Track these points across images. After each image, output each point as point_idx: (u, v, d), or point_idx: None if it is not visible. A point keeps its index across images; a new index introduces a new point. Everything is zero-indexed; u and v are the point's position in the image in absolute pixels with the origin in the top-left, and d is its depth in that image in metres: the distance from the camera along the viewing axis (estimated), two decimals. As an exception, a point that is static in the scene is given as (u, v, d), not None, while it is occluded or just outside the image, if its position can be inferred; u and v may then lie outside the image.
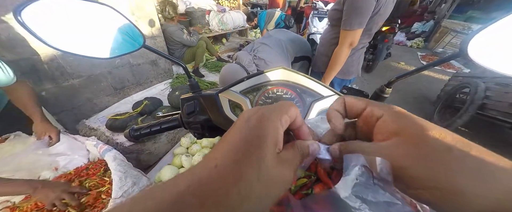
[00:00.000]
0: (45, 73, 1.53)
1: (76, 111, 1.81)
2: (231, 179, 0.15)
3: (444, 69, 4.24)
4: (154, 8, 2.15)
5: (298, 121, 0.20)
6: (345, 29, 1.02)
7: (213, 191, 0.14)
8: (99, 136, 1.63)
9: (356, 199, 0.18)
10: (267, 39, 1.24)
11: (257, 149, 0.16)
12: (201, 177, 0.15)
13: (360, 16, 0.96)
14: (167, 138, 1.71)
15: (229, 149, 0.16)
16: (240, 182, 0.14)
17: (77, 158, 0.99)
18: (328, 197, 0.20)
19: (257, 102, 0.43)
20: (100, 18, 0.33)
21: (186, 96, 0.48)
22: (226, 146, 0.17)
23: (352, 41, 1.05)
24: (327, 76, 1.20)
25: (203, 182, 0.15)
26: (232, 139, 0.17)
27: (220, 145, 0.17)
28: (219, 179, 0.15)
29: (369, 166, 0.17)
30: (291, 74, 0.42)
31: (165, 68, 2.50)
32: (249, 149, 0.16)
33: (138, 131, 0.51)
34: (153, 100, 1.94)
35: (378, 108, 0.19)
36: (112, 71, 1.97)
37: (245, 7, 4.86)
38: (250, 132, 0.17)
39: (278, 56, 1.19)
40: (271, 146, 0.17)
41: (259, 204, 0.15)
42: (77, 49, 0.32)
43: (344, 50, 1.08)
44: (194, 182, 0.15)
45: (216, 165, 0.15)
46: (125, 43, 0.35)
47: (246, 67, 1.13)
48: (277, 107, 0.19)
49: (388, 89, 0.48)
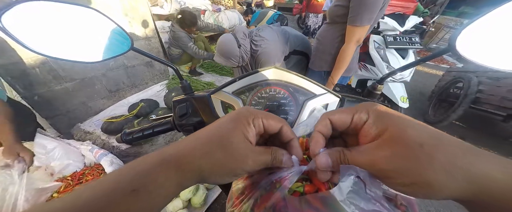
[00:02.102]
0: (36, 78, 1.50)
1: (70, 115, 1.78)
2: (199, 140, 0.21)
3: (438, 64, 4.30)
4: (148, 9, 2.12)
5: (288, 135, 0.23)
6: (355, 26, 1.00)
7: (186, 148, 0.20)
8: (95, 139, 1.62)
9: (350, 204, 0.19)
10: (273, 26, 1.31)
11: (225, 131, 0.21)
12: (180, 142, 0.21)
13: (370, 11, 0.95)
14: (164, 140, 1.70)
15: (206, 128, 0.22)
16: (205, 144, 0.20)
17: (72, 163, 0.98)
18: (324, 198, 0.20)
19: (250, 103, 0.42)
20: (86, 22, 0.32)
21: (178, 99, 0.47)
22: (206, 127, 0.22)
23: (360, 38, 1.03)
24: (335, 75, 1.18)
25: (182, 143, 0.21)
26: (211, 125, 0.22)
27: (202, 131, 0.22)
28: (191, 142, 0.21)
29: (362, 178, 0.19)
30: (283, 73, 0.42)
31: (161, 69, 2.47)
32: (220, 129, 0.21)
33: (130, 135, 0.50)
34: (149, 102, 1.92)
35: (364, 112, 0.20)
36: (106, 73, 1.95)
37: (240, 6, 4.84)
38: (224, 120, 0.22)
39: (278, 39, 1.24)
40: (239, 132, 0.21)
41: (217, 166, 0.20)
42: (62, 54, 0.31)
43: (351, 47, 1.06)
44: (175, 150, 0.20)
45: (196, 136, 0.21)
46: (113, 46, 0.35)
47: (239, 39, 1.19)
48: (257, 111, 0.23)
49: (380, 86, 0.49)
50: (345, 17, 1.03)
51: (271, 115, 0.23)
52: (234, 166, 0.20)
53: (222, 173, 0.20)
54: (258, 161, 0.21)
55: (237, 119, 0.22)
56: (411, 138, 0.16)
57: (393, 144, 0.17)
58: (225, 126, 0.21)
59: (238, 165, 0.20)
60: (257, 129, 0.22)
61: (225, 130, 0.21)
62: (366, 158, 0.18)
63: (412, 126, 0.17)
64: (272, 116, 0.23)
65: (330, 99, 0.41)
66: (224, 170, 0.20)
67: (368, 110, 0.20)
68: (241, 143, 0.20)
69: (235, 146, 0.20)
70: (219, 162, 0.20)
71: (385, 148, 0.17)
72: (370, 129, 0.19)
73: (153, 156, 0.19)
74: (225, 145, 0.20)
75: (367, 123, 0.20)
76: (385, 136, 0.18)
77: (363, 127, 0.20)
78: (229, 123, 0.22)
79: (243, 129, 0.21)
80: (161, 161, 0.19)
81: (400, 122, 0.18)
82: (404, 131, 0.17)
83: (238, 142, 0.20)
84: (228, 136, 0.20)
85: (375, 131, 0.19)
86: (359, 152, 0.19)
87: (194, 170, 0.19)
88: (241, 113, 0.22)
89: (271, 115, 0.23)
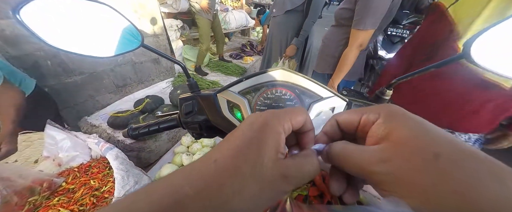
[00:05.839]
0: (48, 70, 1.55)
1: (78, 108, 1.83)
2: (226, 173, 0.15)
3: (448, 71, 4.19)
4: (157, 6, 2.15)
5: (307, 126, 0.21)
6: (358, 29, 0.99)
7: (209, 183, 0.15)
8: (101, 133, 1.65)
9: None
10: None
11: (255, 149, 0.16)
12: (199, 170, 0.16)
13: (374, 16, 0.94)
14: (168, 136, 1.72)
15: (229, 148, 0.17)
16: (234, 176, 0.15)
17: (80, 155, 1.00)
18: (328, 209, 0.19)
19: (256, 103, 0.42)
20: (99, 17, 0.33)
21: (184, 96, 0.48)
22: (226, 145, 0.18)
23: (363, 42, 1.02)
24: (336, 78, 1.16)
25: (200, 175, 0.16)
26: (233, 139, 0.18)
27: (221, 144, 0.18)
28: (216, 173, 0.15)
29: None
30: (290, 75, 0.42)
31: (167, 66, 2.50)
32: (248, 148, 0.17)
33: (136, 130, 0.51)
34: (154, 99, 1.94)
35: (374, 111, 0.18)
36: (114, 68, 1.99)
37: (248, 6, 4.85)
38: (251, 134, 0.17)
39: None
40: (271, 148, 0.17)
41: (251, 201, 0.15)
42: (76, 48, 0.32)
43: (354, 51, 1.05)
44: (192, 174, 0.16)
45: (215, 160, 0.16)
46: (124, 42, 0.35)
47: None
48: (282, 113, 0.19)
49: (389, 91, 0.48)
50: (350, 20, 1.02)
51: (294, 110, 0.20)
52: (274, 191, 0.16)
53: (257, 208, 0.16)
54: (301, 176, 0.17)
55: (265, 128, 0.17)
56: (425, 144, 0.14)
57: (400, 150, 0.14)
58: (252, 138, 0.17)
59: (278, 187, 0.16)
60: (286, 134, 0.19)
61: (254, 145, 0.17)
62: (367, 156, 0.16)
63: (425, 130, 0.15)
64: (297, 110, 0.20)
65: (337, 103, 0.41)
66: (259, 204, 0.16)
67: (380, 110, 0.18)
68: (276, 162, 0.16)
69: (270, 168, 0.16)
70: (255, 197, 0.15)
71: (390, 153, 0.15)
72: (378, 129, 0.17)
73: (163, 195, 0.15)
74: (261, 172, 0.16)
75: (376, 122, 0.17)
76: (392, 140, 0.15)
77: (372, 126, 0.18)
78: (257, 135, 0.17)
79: (277, 140, 0.17)
80: (174, 205, 0.14)
81: (412, 124, 0.15)
82: (415, 136, 0.14)
83: (274, 160, 0.16)
84: (262, 160, 0.16)
85: (381, 132, 0.16)
86: (362, 150, 0.17)
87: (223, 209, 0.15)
88: (268, 119, 0.18)
89: (295, 110, 0.20)
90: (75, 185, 0.86)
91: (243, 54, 3.79)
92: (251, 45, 4.08)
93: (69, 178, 0.89)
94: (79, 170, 0.92)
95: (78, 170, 0.92)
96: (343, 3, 1.08)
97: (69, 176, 0.90)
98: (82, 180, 0.88)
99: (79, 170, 0.92)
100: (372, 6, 0.91)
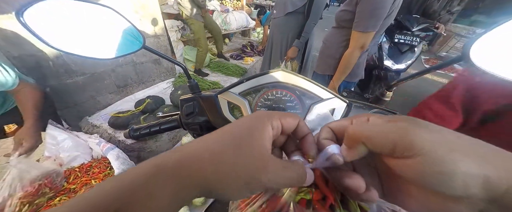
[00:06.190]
0: (49, 70, 1.56)
1: (79, 108, 1.84)
2: (209, 143, 0.18)
3: (448, 73, 4.19)
4: (158, 7, 2.16)
5: (303, 131, 0.22)
6: (359, 31, 0.99)
7: (192, 155, 0.17)
8: (102, 133, 1.65)
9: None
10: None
11: (242, 130, 0.18)
12: (183, 148, 0.18)
13: (375, 18, 0.94)
14: (168, 136, 1.72)
15: (219, 134, 0.19)
16: (216, 143, 0.17)
17: (81, 155, 1.00)
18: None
19: (256, 104, 0.43)
20: (101, 19, 0.33)
21: (185, 97, 0.48)
22: (218, 132, 0.19)
23: (364, 44, 1.02)
24: (336, 80, 1.17)
25: (186, 152, 0.17)
26: (225, 128, 0.19)
27: (213, 133, 0.19)
28: (197, 148, 0.17)
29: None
30: (290, 76, 0.42)
31: (168, 67, 2.51)
32: (238, 136, 0.18)
33: (137, 131, 0.51)
34: (155, 99, 1.95)
35: (365, 115, 0.19)
36: (115, 69, 1.99)
37: (248, 7, 4.86)
38: (241, 125, 0.19)
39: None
40: (257, 132, 0.18)
41: (231, 173, 0.16)
42: (78, 50, 0.32)
43: (355, 53, 1.06)
44: (178, 153, 0.17)
45: (207, 137, 0.18)
46: (126, 44, 0.36)
47: None
48: (273, 112, 0.21)
49: (389, 93, 0.48)
50: (351, 22, 1.03)
51: (286, 113, 0.22)
52: (250, 173, 0.16)
53: (233, 181, 0.16)
54: (281, 176, 0.17)
55: (255, 118, 0.19)
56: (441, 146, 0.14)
57: None
58: (241, 124, 0.19)
59: (254, 172, 0.16)
60: (275, 130, 0.20)
61: (242, 128, 0.18)
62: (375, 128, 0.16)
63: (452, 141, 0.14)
64: (288, 113, 0.22)
65: (337, 104, 0.41)
66: (235, 177, 0.16)
67: (370, 115, 0.19)
68: (260, 147, 0.17)
69: (252, 147, 0.17)
70: (231, 166, 0.16)
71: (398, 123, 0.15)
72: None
73: (148, 164, 0.16)
74: (240, 145, 0.17)
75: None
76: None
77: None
78: (246, 122, 0.19)
79: (263, 130, 0.18)
80: (155, 170, 0.15)
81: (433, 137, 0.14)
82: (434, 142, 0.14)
83: (258, 145, 0.17)
84: (245, 136, 0.17)
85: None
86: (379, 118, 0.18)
87: (197, 176, 0.15)
88: (259, 113, 0.20)
89: (287, 112, 0.22)
90: (76, 185, 0.86)
91: (243, 55, 3.79)
92: (252, 46, 4.08)
93: (71, 178, 0.89)
94: (80, 170, 0.93)
95: (79, 170, 0.93)
96: (344, 5, 1.08)
97: (70, 176, 0.90)
98: (83, 180, 0.88)
99: (80, 170, 0.93)
100: (372, 8, 0.92)
